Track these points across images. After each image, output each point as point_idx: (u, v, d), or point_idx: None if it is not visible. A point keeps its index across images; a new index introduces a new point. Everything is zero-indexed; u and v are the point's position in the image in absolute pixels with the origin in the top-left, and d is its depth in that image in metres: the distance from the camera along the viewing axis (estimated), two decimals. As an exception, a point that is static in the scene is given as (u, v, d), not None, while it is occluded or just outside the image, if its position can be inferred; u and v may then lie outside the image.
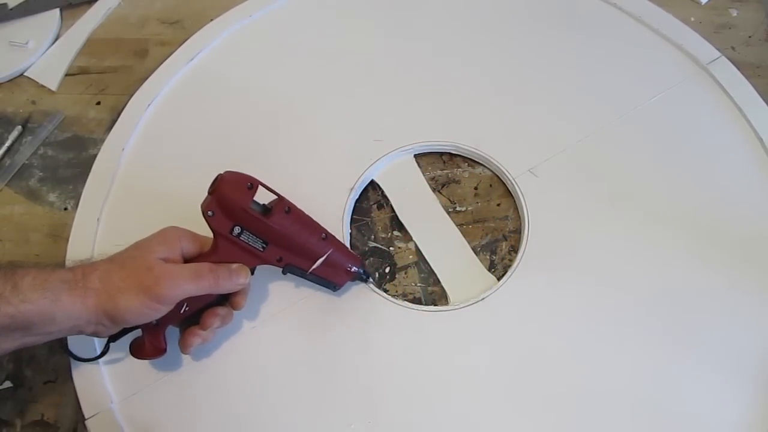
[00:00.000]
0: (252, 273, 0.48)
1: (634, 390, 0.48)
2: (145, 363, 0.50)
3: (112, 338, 0.47)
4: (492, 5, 0.67)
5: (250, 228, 0.46)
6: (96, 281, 0.42)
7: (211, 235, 0.47)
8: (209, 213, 0.45)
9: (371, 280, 0.52)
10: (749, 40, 0.65)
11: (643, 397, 0.47)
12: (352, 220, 0.56)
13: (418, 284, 0.54)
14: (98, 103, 0.65)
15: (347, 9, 0.68)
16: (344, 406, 0.48)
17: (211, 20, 0.68)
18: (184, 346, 0.47)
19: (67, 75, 0.68)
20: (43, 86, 0.67)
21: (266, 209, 0.47)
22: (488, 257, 0.54)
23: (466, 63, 0.63)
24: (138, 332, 0.47)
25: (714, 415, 0.47)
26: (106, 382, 0.50)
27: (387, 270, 0.54)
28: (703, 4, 0.68)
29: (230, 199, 0.45)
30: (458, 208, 0.57)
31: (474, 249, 0.54)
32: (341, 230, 0.54)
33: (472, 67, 0.63)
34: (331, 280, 0.50)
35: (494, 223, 0.56)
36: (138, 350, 0.47)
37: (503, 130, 0.59)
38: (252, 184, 0.46)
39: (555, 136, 0.58)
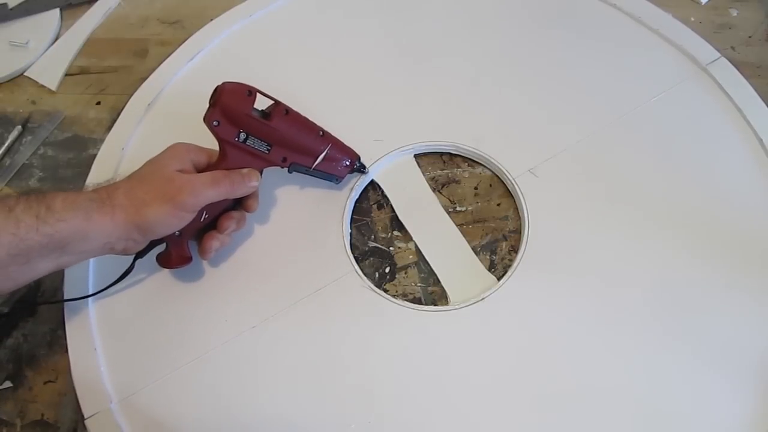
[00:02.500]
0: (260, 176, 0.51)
1: (634, 390, 0.48)
2: (144, 363, 0.50)
3: (139, 254, 0.49)
4: (492, 5, 0.67)
5: (254, 132, 0.49)
6: (122, 197, 0.44)
7: (215, 147, 0.50)
8: (214, 123, 0.48)
9: (367, 170, 0.56)
10: (749, 40, 0.65)
11: (643, 397, 0.47)
12: (352, 220, 0.56)
13: (418, 284, 0.54)
14: (98, 103, 0.65)
15: (347, 9, 0.68)
16: (344, 406, 0.48)
17: (211, 20, 0.68)
18: (204, 251, 0.50)
19: (67, 75, 0.68)
20: (43, 86, 0.67)
21: (265, 114, 0.50)
22: (488, 257, 0.54)
23: (466, 63, 0.63)
24: (161, 248, 0.50)
25: (714, 416, 0.47)
26: (106, 382, 0.50)
27: (387, 270, 0.54)
28: (703, 4, 0.68)
29: (233, 106, 0.48)
30: (458, 208, 0.57)
31: (474, 249, 0.54)
32: (341, 230, 0.54)
33: (472, 68, 0.63)
34: (332, 173, 0.54)
35: (494, 223, 0.56)
36: (166, 261, 0.50)
37: (503, 130, 0.59)
38: (251, 91, 0.49)
39: (555, 136, 0.58)
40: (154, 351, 0.51)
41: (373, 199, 0.58)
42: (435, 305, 0.52)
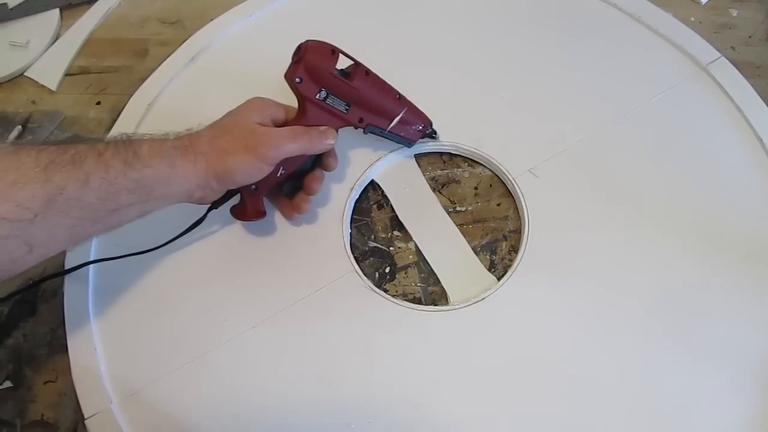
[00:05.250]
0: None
1: (634, 390, 0.48)
2: (144, 363, 0.50)
3: (214, 204, 0.50)
4: (492, 5, 0.67)
5: (335, 91, 0.50)
6: (205, 146, 0.45)
7: (289, 104, 0.50)
8: (297, 79, 0.48)
9: (437, 135, 0.57)
10: (749, 40, 0.65)
11: (643, 397, 0.47)
12: (352, 220, 0.56)
13: (418, 284, 0.54)
14: (98, 103, 0.65)
15: (347, 9, 0.68)
16: (344, 406, 0.48)
17: (211, 20, 0.68)
18: (294, 211, 0.53)
19: (67, 75, 0.68)
20: (43, 86, 0.67)
21: (346, 73, 0.51)
22: (488, 257, 0.54)
23: (466, 63, 0.63)
24: (236, 200, 0.51)
25: (714, 416, 0.47)
26: (105, 382, 0.50)
27: (387, 270, 0.54)
28: (703, 4, 0.68)
29: (317, 64, 0.48)
30: (458, 208, 0.57)
31: (474, 249, 0.54)
32: (341, 230, 0.54)
33: (472, 67, 0.63)
34: (405, 136, 0.55)
35: (494, 223, 0.56)
36: (241, 213, 0.51)
37: (503, 130, 0.59)
38: (334, 51, 0.49)
39: (555, 136, 0.58)
40: (154, 351, 0.51)
41: (373, 199, 0.58)
42: (435, 305, 0.52)
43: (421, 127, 0.55)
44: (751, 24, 0.66)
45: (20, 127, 0.64)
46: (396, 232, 0.56)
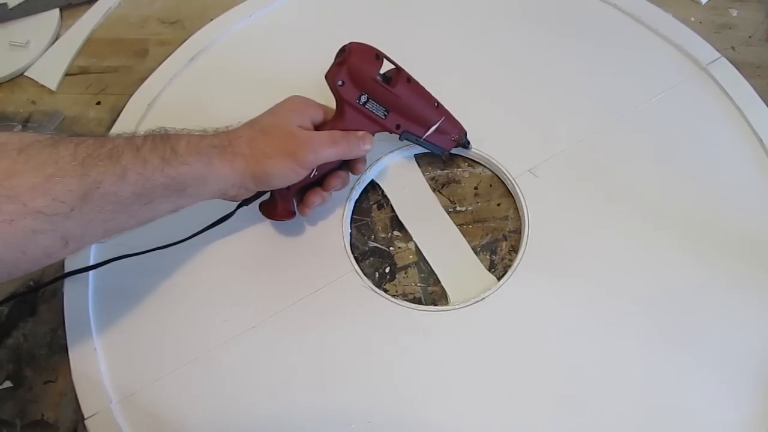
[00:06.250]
0: None
1: (634, 390, 0.48)
2: (144, 363, 0.50)
3: (245, 202, 0.50)
4: (491, 5, 0.67)
5: (376, 96, 0.49)
6: (244, 146, 0.45)
7: (326, 103, 0.50)
8: (339, 82, 0.48)
9: (471, 145, 0.57)
10: (749, 40, 0.65)
11: (642, 397, 0.47)
12: (352, 220, 0.56)
13: (418, 284, 0.54)
14: (98, 103, 0.65)
15: (347, 9, 0.68)
16: (344, 406, 0.48)
17: (211, 20, 0.68)
18: (306, 205, 0.51)
19: (67, 75, 0.68)
20: (43, 86, 0.67)
21: (387, 79, 0.50)
22: (488, 257, 0.54)
23: (465, 63, 0.63)
24: (265, 197, 0.51)
25: (714, 416, 0.47)
26: (105, 382, 0.50)
27: (387, 270, 0.54)
28: (703, 4, 0.68)
29: (360, 68, 0.47)
30: (458, 208, 0.57)
31: (474, 249, 0.54)
32: (341, 230, 0.54)
33: (472, 68, 0.63)
34: (440, 145, 0.55)
35: (494, 223, 0.56)
36: (271, 212, 0.51)
37: (503, 130, 0.59)
38: (378, 55, 0.48)
39: (555, 136, 0.58)
40: (154, 351, 0.51)
41: (373, 199, 0.58)
42: (435, 305, 0.52)
43: (455, 137, 0.55)
44: (751, 24, 0.66)
45: (20, 127, 0.64)
46: (396, 232, 0.56)
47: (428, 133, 0.53)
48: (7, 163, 0.36)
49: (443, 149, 0.55)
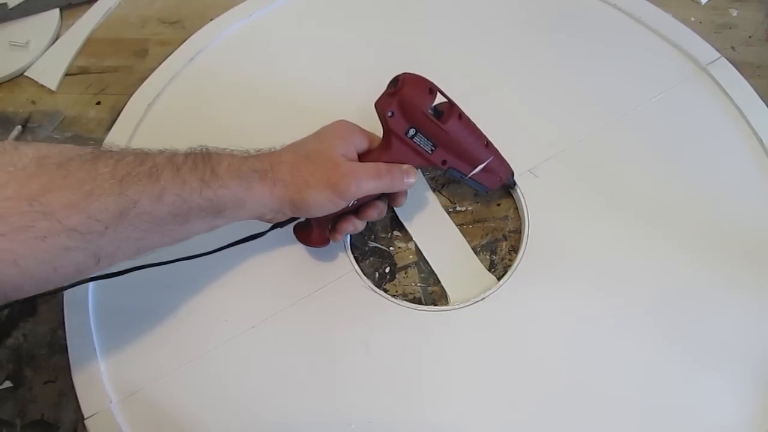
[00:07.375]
0: None
1: (634, 390, 0.48)
2: (144, 363, 0.50)
3: (279, 224, 0.49)
4: (491, 5, 0.67)
5: (425, 131, 0.47)
6: (285, 173, 0.44)
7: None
8: (389, 113, 0.46)
9: (516, 186, 0.55)
10: (749, 40, 0.65)
11: (642, 397, 0.47)
12: (352, 220, 0.56)
13: (418, 284, 0.54)
14: (98, 103, 0.65)
15: (347, 9, 0.68)
16: (344, 406, 0.48)
17: (211, 20, 0.68)
18: (337, 233, 0.50)
19: (67, 75, 0.68)
20: (43, 86, 0.67)
21: (438, 113, 0.48)
22: (488, 257, 0.54)
23: (465, 63, 0.63)
24: (300, 219, 0.50)
25: (714, 415, 0.47)
26: (105, 382, 0.50)
27: (387, 270, 0.54)
28: (703, 4, 0.68)
29: (413, 101, 0.46)
30: (458, 208, 0.57)
31: (474, 249, 0.54)
32: (341, 230, 0.54)
33: (472, 68, 0.63)
34: (484, 184, 0.53)
35: (494, 223, 0.56)
36: (306, 238, 0.51)
37: (503, 130, 0.59)
38: (432, 89, 0.47)
39: (555, 137, 0.58)
40: (154, 351, 0.51)
41: (373, 199, 0.58)
42: (435, 305, 0.52)
43: (501, 177, 0.53)
44: (751, 24, 0.66)
45: (20, 127, 0.64)
46: (396, 232, 0.56)
47: (474, 171, 0.51)
48: (46, 178, 0.35)
49: (487, 188, 0.53)
